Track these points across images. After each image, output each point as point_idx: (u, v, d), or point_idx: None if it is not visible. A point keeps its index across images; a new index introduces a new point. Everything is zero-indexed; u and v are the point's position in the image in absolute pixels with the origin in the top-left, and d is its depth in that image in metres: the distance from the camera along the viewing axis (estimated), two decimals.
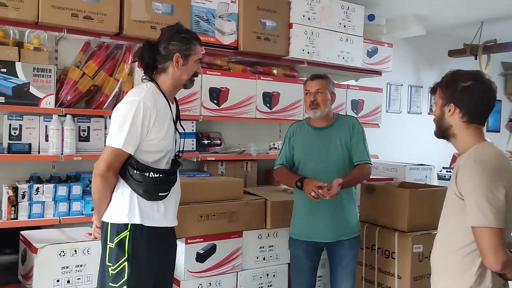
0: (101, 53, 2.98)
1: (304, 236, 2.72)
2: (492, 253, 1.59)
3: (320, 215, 2.64)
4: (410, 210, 2.87)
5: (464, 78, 1.73)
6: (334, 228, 2.67)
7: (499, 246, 1.58)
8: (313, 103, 2.72)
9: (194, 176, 3.29)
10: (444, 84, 1.77)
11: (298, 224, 2.76)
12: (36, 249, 2.46)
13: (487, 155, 1.67)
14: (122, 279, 2.02)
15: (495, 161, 1.66)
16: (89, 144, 2.97)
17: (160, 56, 2.10)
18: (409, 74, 5.23)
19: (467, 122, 1.72)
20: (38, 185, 2.77)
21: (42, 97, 2.74)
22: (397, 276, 2.89)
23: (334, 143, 2.71)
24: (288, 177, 2.76)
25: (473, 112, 1.71)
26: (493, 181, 1.60)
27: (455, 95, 1.72)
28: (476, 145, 1.71)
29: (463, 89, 1.71)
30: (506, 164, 1.69)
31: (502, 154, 1.72)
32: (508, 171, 1.67)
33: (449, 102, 1.74)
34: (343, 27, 3.81)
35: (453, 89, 1.73)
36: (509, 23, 4.72)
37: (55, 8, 2.68)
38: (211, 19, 3.25)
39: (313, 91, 2.73)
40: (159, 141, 2.06)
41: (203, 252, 2.88)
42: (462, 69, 1.79)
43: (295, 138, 2.80)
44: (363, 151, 2.72)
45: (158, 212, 2.10)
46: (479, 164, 1.63)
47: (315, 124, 2.78)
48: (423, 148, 5.11)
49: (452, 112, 1.73)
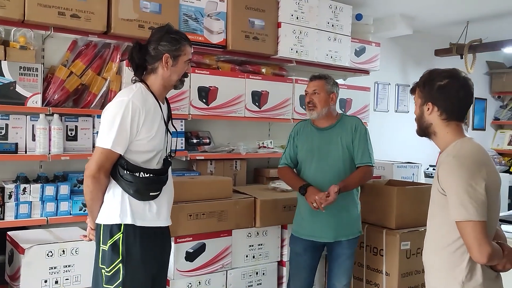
0: (89, 52, 2.95)
1: (304, 235, 2.75)
2: (476, 246, 1.61)
3: (322, 215, 2.64)
4: (397, 208, 2.91)
5: (440, 77, 1.77)
6: (334, 229, 2.69)
7: (483, 238, 1.61)
8: (309, 104, 2.74)
9: (183, 175, 3.29)
10: (422, 84, 1.81)
11: (300, 222, 2.79)
12: (23, 249, 2.44)
13: (466, 150, 1.71)
14: (117, 281, 2.02)
15: (474, 156, 1.69)
16: (77, 143, 2.95)
17: (149, 56, 2.11)
18: (396, 73, 5.28)
19: (446, 119, 1.77)
20: (25, 185, 2.74)
21: (29, 96, 2.71)
22: (385, 273, 2.93)
23: (335, 144, 2.72)
24: (292, 179, 2.79)
25: (451, 109, 1.76)
26: (473, 176, 1.64)
27: (432, 94, 1.77)
28: (455, 142, 1.75)
29: (440, 88, 1.75)
30: (485, 158, 1.73)
31: (480, 148, 1.75)
32: (487, 164, 1.70)
33: (427, 101, 1.78)
34: (331, 26, 3.83)
35: (430, 88, 1.77)
36: (494, 23, 4.79)
37: (42, 6, 2.65)
38: (199, 18, 3.25)
39: (310, 91, 2.75)
40: (149, 141, 2.06)
41: (193, 251, 2.88)
42: (439, 68, 1.82)
43: (299, 138, 2.82)
44: (364, 153, 2.70)
45: (150, 212, 2.10)
46: (457, 159, 1.67)
47: (318, 125, 2.79)
48: (410, 146, 5.16)
49: (431, 111, 1.78)
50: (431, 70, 1.83)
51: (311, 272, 2.81)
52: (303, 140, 2.80)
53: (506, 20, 4.68)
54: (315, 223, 2.70)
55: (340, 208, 2.66)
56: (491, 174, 1.69)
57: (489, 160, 1.75)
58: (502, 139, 6.22)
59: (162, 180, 2.14)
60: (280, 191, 3.30)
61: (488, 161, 1.73)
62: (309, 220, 2.73)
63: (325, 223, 2.68)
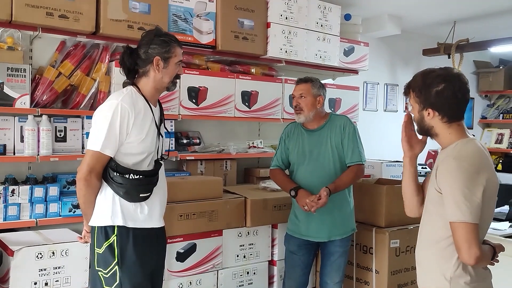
0: (77, 53, 2.94)
1: (298, 234, 2.78)
2: (466, 247, 1.63)
3: (316, 216, 2.67)
4: (386, 206, 2.94)
5: (435, 82, 1.75)
6: (328, 229, 2.72)
7: (473, 241, 1.63)
8: (296, 108, 2.76)
9: (174, 175, 3.28)
10: (418, 90, 1.79)
11: (295, 222, 2.81)
12: (12, 251, 2.42)
13: (466, 151, 1.70)
14: (115, 283, 2.05)
15: (474, 158, 1.69)
16: (66, 144, 2.93)
17: (140, 60, 2.13)
18: (385, 72, 5.32)
19: (447, 122, 1.76)
20: (13, 187, 2.72)
21: (17, 97, 2.69)
22: (375, 271, 2.95)
23: (325, 145, 2.74)
24: (284, 181, 2.81)
25: (451, 112, 1.75)
26: (471, 179, 1.64)
27: (430, 100, 1.75)
28: (456, 142, 1.75)
29: (437, 94, 1.74)
30: (485, 161, 1.72)
31: (481, 150, 1.74)
32: (487, 168, 1.70)
33: (426, 107, 1.77)
34: (320, 26, 3.85)
35: (427, 94, 1.75)
36: (480, 23, 4.86)
37: (29, 6, 2.63)
38: (188, 18, 3.25)
39: (297, 95, 2.77)
40: (139, 143, 2.08)
41: (183, 252, 2.88)
42: (431, 70, 1.81)
43: (289, 139, 2.84)
44: (354, 151, 2.72)
45: (142, 213, 2.11)
46: (457, 161, 1.67)
47: (308, 126, 2.82)
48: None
49: (432, 116, 1.77)
50: (424, 73, 1.81)
51: (305, 270, 2.84)
52: (294, 142, 2.82)
53: (492, 20, 4.75)
54: (310, 223, 2.73)
55: (333, 208, 2.68)
56: (490, 178, 1.69)
57: (489, 163, 1.74)
58: (489, 138, 6.29)
59: (152, 181, 2.15)
60: (270, 191, 3.31)
61: (488, 164, 1.73)
62: (304, 220, 2.75)
63: (320, 223, 2.71)
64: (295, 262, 2.81)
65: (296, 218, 2.80)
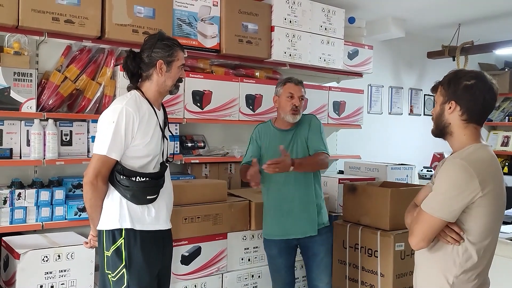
0: (83, 57, 2.96)
1: (275, 235, 2.79)
2: (420, 238, 1.69)
3: (287, 212, 2.73)
4: (391, 209, 2.93)
5: (467, 76, 1.72)
6: (302, 223, 2.76)
7: (428, 235, 1.68)
8: (296, 108, 2.76)
9: (178, 178, 3.29)
10: (447, 82, 1.74)
11: (269, 224, 2.82)
12: (18, 255, 2.44)
13: (476, 156, 1.66)
14: (122, 286, 2.07)
15: (482, 164, 1.65)
16: (72, 148, 2.95)
17: (143, 64, 2.16)
18: (390, 75, 5.31)
19: (466, 121, 1.71)
20: (20, 191, 2.74)
21: (23, 102, 2.72)
22: (380, 274, 2.94)
23: (297, 144, 2.79)
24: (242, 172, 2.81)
25: (473, 110, 1.70)
26: (467, 182, 1.61)
27: (457, 92, 1.71)
28: (469, 146, 1.70)
29: (466, 87, 1.69)
30: (495, 170, 1.69)
31: (493, 159, 1.71)
32: (494, 177, 1.66)
33: (450, 100, 1.72)
34: (324, 29, 3.86)
35: (456, 87, 1.71)
36: (485, 25, 4.84)
37: (36, 11, 2.66)
38: (193, 22, 3.27)
39: (297, 96, 2.77)
40: (144, 146, 2.10)
41: (188, 255, 2.89)
42: (465, 69, 1.81)
43: (262, 140, 2.85)
44: (319, 141, 2.76)
45: (149, 216, 2.13)
46: (463, 161, 1.63)
47: (280, 126, 2.84)
48: (404, 148, 5.20)
49: (453, 110, 1.71)
50: (457, 70, 1.79)
51: (289, 271, 2.87)
52: (267, 141, 2.83)
53: (497, 22, 4.73)
54: (283, 221, 2.76)
55: (305, 202, 2.75)
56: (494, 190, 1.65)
57: (498, 174, 1.69)
58: (495, 140, 6.26)
59: (159, 183, 2.16)
60: None
61: (496, 175, 1.68)
62: (277, 219, 2.78)
63: (292, 219, 2.74)
64: (278, 266, 2.83)
65: (270, 220, 2.82)
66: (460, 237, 1.67)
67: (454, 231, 1.67)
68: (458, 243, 1.68)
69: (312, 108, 3.91)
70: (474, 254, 1.68)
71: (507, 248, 2.70)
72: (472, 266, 1.69)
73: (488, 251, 1.72)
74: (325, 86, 4.16)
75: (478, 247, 1.68)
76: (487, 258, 1.74)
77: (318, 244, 2.79)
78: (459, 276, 1.69)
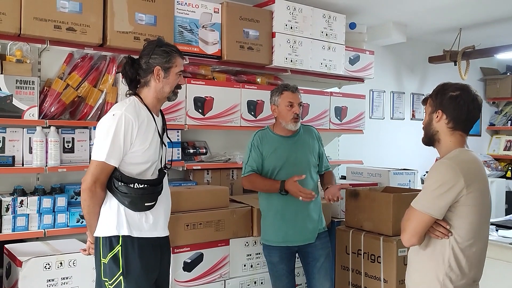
0: (85, 64, 2.98)
1: (276, 242, 2.77)
2: (411, 234, 1.79)
3: (288, 219, 2.73)
4: (394, 214, 2.92)
5: (452, 88, 1.87)
6: (304, 231, 2.76)
7: (418, 232, 1.77)
8: (297, 116, 2.77)
9: (180, 185, 3.29)
10: (435, 93, 1.91)
11: (270, 231, 2.81)
12: (20, 262, 2.44)
13: (462, 157, 1.81)
14: None
15: (468, 164, 1.79)
16: (74, 155, 2.96)
17: (142, 70, 2.16)
18: (391, 80, 5.31)
19: (452, 128, 1.86)
20: (22, 198, 2.75)
21: (26, 109, 2.73)
22: (383, 279, 2.93)
23: (303, 150, 2.82)
24: (268, 181, 2.77)
25: (458, 119, 1.85)
26: (453, 179, 1.73)
27: (443, 102, 1.86)
28: (454, 150, 1.85)
29: (451, 98, 1.85)
30: (480, 170, 1.83)
31: (477, 161, 1.85)
32: (479, 177, 1.80)
33: (437, 109, 1.87)
34: (325, 35, 3.87)
35: (442, 97, 1.87)
36: (486, 29, 4.84)
37: (38, 20, 2.67)
38: (194, 29, 3.28)
39: (297, 103, 2.78)
40: (143, 152, 2.09)
41: (190, 261, 2.88)
42: (452, 82, 1.93)
43: (263, 146, 2.83)
44: (326, 159, 2.97)
45: (146, 222, 2.12)
46: (450, 161, 1.78)
47: (281, 133, 2.84)
48: (406, 153, 5.19)
49: (439, 118, 1.87)
50: (444, 83, 1.93)
51: (291, 276, 2.86)
52: (268, 148, 2.81)
53: (498, 26, 4.73)
54: (284, 228, 2.75)
55: (305, 210, 2.77)
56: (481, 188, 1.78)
57: (483, 175, 1.83)
58: (498, 145, 6.25)
59: (157, 190, 2.16)
60: None
61: (480, 175, 1.82)
62: (278, 226, 2.77)
63: (293, 226, 2.75)
64: (279, 272, 2.81)
65: (270, 226, 2.81)
66: (447, 230, 1.78)
67: (441, 225, 1.78)
68: (446, 236, 1.78)
69: (313, 114, 3.91)
70: (459, 253, 1.78)
71: (509, 253, 2.69)
72: (459, 265, 1.79)
73: (475, 252, 1.81)
74: (326, 91, 4.17)
75: (464, 246, 1.78)
76: (476, 259, 1.82)
77: (318, 249, 2.79)
78: (448, 274, 1.78)
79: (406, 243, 1.84)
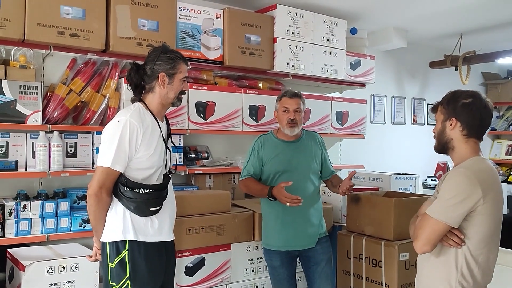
0: (88, 70, 3.00)
1: (277, 246, 2.78)
2: (424, 241, 1.78)
3: (288, 224, 2.74)
4: (395, 219, 2.92)
5: (464, 95, 1.88)
6: (305, 236, 2.77)
7: (432, 239, 1.76)
8: (292, 121, 2.79)
9: (182, 189, 3.31)
10: (446, 101, 1.91)
11: (270, 235, 2.82)
12: (23, 266, 2.45)
13: (478, 166, 1.80)
14: None
15: (484, 173, 1.78)
16: (77, 160, 2.97)
17: (146, 76, 2.18)
18: (392, 85, 5.33)
19: (466, 135, 1.86)
20: (25, 202, 2.76)
21: (29, 114, 2.75)
22: (385, 284, 2.93)
23: (304, 156, 2.84)
24: (257, 188, 2.78)
25: (472, 125, 1.85)
26: (470, 189, 1.72)
27: (456, 110, 1.86)
28: (470, 158, 1.84)
29: (464, 105, 1.85)
30: (496, 180, 1.82)
31: (493, 170, 1.84)
32: (495, 187, 1.79)
33: (451, 117, 1.87)
34: (326, 40, 3.89)
35: (455, 105, 1.87)
36: (487, 34, 4.86)
37: (41, 26, 2.70)
38: (196, 35, 3.30)
39: (292, 109, 2.80)
40: (148, 158, 2.11)
41: (192, 266, 2.89)
42: (462, 89, 1.94)
43: (263, 151, 2.85)
44: (330, 164, 2.99)
45: (152, 227, 2.14)
46: (466, 171, 1.76)
47: (284, 138, 2.86)
48: (407, 157, 5.20)
49: (453, 126, 1.87)
50: (455, 90, 1.94)
51: (292, 281, 2.86)
52: (270, 153, 2.83)
53: (499, 31, 4.75)
54: (285, 233, 2.76)
55: (307, 214, 2.78)
56: (495, 198, 1.77)
57: (498, 185, 1.82)
58: (499, 149, 6.24)
59: (162, 195, 2.17)
60: None
61: (496, 185, 1.81)
62: (279, 230, 2.78)
63: (295, 231, 2.76)
64: (280, 276, 2.82)
65: (271, 231, 2.82)
66: (461, 240, 1.77)
67: (455, 234, 1.77)
68: (459, 246, 1.77)
69: (315, 119, 3.92)
70: (472, 261, 1.78)
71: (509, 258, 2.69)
72: (471, 273, 1.78)
73: (487, 261, 1.80)
74: (328, 96, 4.19)
75: (476, 254, 1.78)
76: (487, 267, 1.82)
77: (319, 253, 2.80)
78: (460, 281, 1.77)
79: (419, 251, 1.84)
